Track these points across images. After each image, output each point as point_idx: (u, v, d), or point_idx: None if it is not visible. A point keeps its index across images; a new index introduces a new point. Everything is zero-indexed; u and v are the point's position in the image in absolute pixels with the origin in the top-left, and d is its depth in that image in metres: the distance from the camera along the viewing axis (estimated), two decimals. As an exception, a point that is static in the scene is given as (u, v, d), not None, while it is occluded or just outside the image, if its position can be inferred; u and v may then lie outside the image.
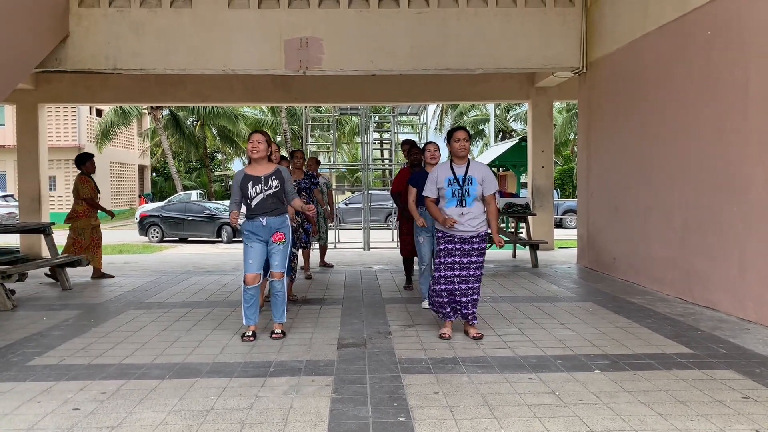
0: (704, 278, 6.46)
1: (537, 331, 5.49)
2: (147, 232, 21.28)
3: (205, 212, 21.17)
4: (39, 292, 7.88)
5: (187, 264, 10.88)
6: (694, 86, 6.63)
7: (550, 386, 3.97)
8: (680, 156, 6.92)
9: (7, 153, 29.44)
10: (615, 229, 8.62)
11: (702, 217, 6.51)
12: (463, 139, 5.21)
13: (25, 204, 12.17)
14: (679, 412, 3.52)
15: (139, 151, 39.99)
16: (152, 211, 22.28)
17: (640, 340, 5.11)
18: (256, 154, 5.26)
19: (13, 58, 7.88)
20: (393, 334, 5.43)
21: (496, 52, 9.24)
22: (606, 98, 8.91)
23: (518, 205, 10.86)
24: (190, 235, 21.02)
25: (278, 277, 5.32)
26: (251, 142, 5.28)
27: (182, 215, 21.22)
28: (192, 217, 21.02)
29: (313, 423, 3.41)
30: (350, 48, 9.12)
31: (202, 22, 8.99)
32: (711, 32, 6.32)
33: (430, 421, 3.42)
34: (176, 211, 21.61)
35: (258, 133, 5.38)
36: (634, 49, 7.92)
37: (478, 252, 5.22)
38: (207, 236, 20.73)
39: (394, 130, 16.87)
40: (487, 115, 35.09)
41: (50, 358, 4.76)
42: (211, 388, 4.01)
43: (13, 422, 3.47)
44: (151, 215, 21.66)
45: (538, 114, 12.41)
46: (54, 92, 12.08)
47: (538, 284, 8.08)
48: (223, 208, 21.33)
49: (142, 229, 21.39)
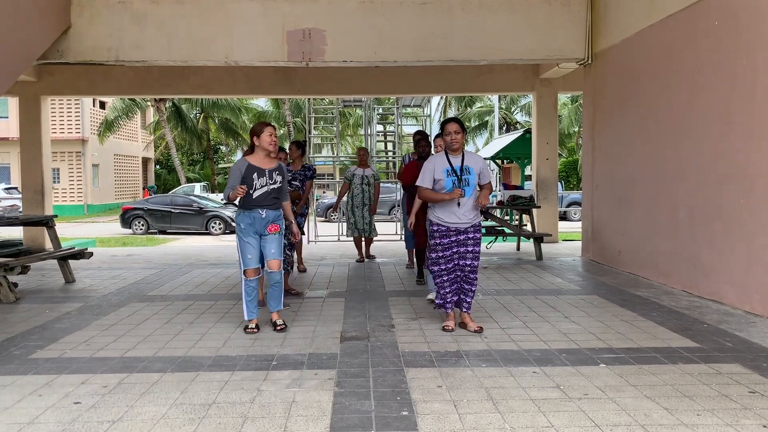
0: (710, 271, 6.41)
1: (541, 324, 5.45)
2: (130, 224, 21.25)
3: (193, 205, 21.26)
4: (42, 285, 7.87)
5: (190, 256, 10.86)
6: (701, 77, 6.55)
7: (554, 380, 3.94)
8: (686, 148, 6.85)
9: (10, 145, 29.45)
10: (620, 222, 8.57)
11: (708, 210, 6.45)
12: (454, 132, 5.14)
13: (28, 196, 12.16)
14: (686, 407, 3.48)
15: (143, 144, 39.99)
16: (136, 204, 22.31)
17: (645, 334, 5.07)
18: (275, 146, 5.30)
19: (15, 50, 7.83)
20: (396, 327, 5.40)
21: (500, 43, 9.16)
22: (611, 90, 8.83)
23: (523, 197, 10.80)
24: (177, 228, 21.07)
25: (276, 268, 5.28)
26: (270, 135, 5.26)
27: (169, 208, 21.26)
28: (180, 210, 21.07)
29: (315, 417, 3.39)
30: (353, 39, 9.05)
31: (205, 14, 8.93)
32: (718, 22, 6.24)
33: (434, 415, 3.39)
34: (162, 204, 21.64)
35: (271, 125, 5.40)
36: (640, 39, 7.83)
37: (474, 241, 5.19)
38: (195, 229, 20.77)
39: (398, 122, 16.80)
40: (492, 107, 34.95)
41: (52, 351, 4.74)
42: (213, 381, 3.99)
43: (13, 416, 3.45)
44: (136, 207, 21.68)
45: (543, 106, 12.32)
46: (57, 84, 12.04)
47: (543, 277, 8.04)
48: (213, 205, 21.44)
49: (125, 222, 21.38)
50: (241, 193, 5.08)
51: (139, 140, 39.59)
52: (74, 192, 31.97)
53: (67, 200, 31.57)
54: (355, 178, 9.57)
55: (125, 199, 36.98)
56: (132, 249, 13.18)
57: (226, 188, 5.27)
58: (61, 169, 31.44)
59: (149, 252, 12.20)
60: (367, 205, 9.55)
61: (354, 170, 9.71)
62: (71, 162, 31.87)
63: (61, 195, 31.16)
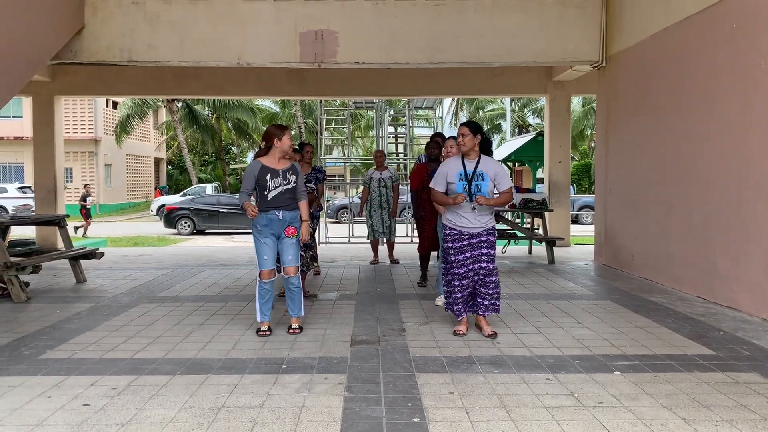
0: (726, 277, 6.31)
1: (554, 329, 5.38)
2: (175, 225, 21.36)
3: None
4: (53, 284, 7.89)
5: (201, 257, 10.87)
6: (718, 80, 6.46)
7: (568, 387, 3.87)
8: (702, 152, 6.75)
9: (24, 145, 29.70)
10: (633, 226, 8.47)
11: (724, 215, 6.35)
12: (461, 135, 5.14)
13: (41, 195, 12.22)
14: (703, 417, 3.41)
15: (155, 144, 40.18)
16: (182, 204, 22.37)
17: (660, 341, 4.99)
18: (291, 148, 5.33)
19: (29, 50, 7.87)
20: (407, 330, 5.35)
21: (513, 45, 9.10)
22: (626, 92, 8.74)
23: (535, 200, 10.72)
24: (225, 228, 21.11)
25: (293, 273, 5.27)
26: (290, 138, 5.29)
27: (216, 208, 21.29)
28: (227, 210, 21.08)
29: (325, 423, 3.34)
30: (366, 41, 9.02)
31: (217, 14, 8.93)
32: (736, 24, 6.15)
33: (445, 422, 3.34)
34: (209, 204, 21.70)
35: (287, 127, 5.42)
36: (656, 42, 7.74)
37: (488, 245, 5.13)
38: (243, 228, 20.69)
39: (410, 124, 16.76)
40: (504, 110, 34.84)
41: (62, 352, 4.73)
42: (222, 384, 3.95)
43: (22, 417, 3.43)
44: (182, 207, 21.76)
45: (556, 108, 12.24)
46: (70, 84, 12.10)
47: (555, 281, 7.96)
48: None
49: (169, 222, 21.45)
50: (253, 212, 5.09)
51: (152, 140, 39.79)
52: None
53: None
54: (372, 181, 9.54)
55: (137, 199, 37.16)
56: (143, 249, 13.21)
57: (241, 192, 5.26)
58: (74, 168, 31.63)
59: (161, 252, 12.22)
60: (385, 208, 9.51)
61: (371, 173, 9.69)
62: (84, 162, 32.06)
63: (73, 195, 31.32)
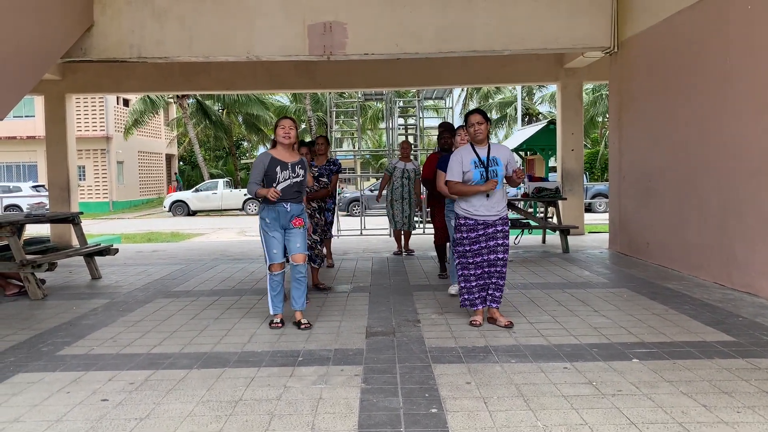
0: (744, 263, 6.24)
1: (570, 318, 5.35)
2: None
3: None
4: (69, 281, 7.94)
5: (214, 252, 10.90)
6: (733, 63, 6.36)
7: (586, 376, 3.84)
8: (717, 137, 6.67)
9: (37, 144, 29.89)
10: (648, 213, 8.39)
11: (741, 201, 6.27)
12: (477, 123, 5.07)
13: (54, 194, 12.31)
14: (724, 404, 3.37)
15: (166, 141, 40.32)
16: None
17: (678, 328, 4.94)
18: (287, 140, 5.23)
19: (39, 49, 7.89)
20: (422, 322, 5.34)
21: (523, 33, 9.01)
22: (638, 78, 8.64)
23: (548, 189, 10.64)
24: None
25: (302, 261, 5.25)
26: (283, 128, 5.23)
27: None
28: None
29: (343, 414, 3.34)
30: (374, 32, 8.97)
31: (225, 8, 8.91)
32: (751, 6, 6.05)
33: (464, 412, 3.32)
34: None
35: (289, 119, 5.36)
36: (669, 26, 7.64)
37: (503, 234, 5.09)
38: None
39: (419, 115, 16.68)
40: (513, 98, 34.62)
41: (79, 348, 4.76)
42: (239, 377, 3.96)
43: (42, 413, 3.45)
44: None
45: (568, 96, 12.13)
46: (80, 82, 12.15)
47: (570, 270, 7.91)
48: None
49: None
50: (274, 196, 4.98)
51: (163, 137, 39.92)
52: (99, 189, 32.38)
53: (92, 197, 31.96)
54: (396, 171, 9.52)
55: (149, 195, 37.33)
56: (157, 245, 13.28)
57: (250, 183, 5.22)
58: (87, 166, 31.82)
59: (174, 248, 12.27)
60: (406, 198, 9.51)
61: (395, 163, 9.67)
62: (96, 159, 32.25)
63: (87, 192, 31.55)
